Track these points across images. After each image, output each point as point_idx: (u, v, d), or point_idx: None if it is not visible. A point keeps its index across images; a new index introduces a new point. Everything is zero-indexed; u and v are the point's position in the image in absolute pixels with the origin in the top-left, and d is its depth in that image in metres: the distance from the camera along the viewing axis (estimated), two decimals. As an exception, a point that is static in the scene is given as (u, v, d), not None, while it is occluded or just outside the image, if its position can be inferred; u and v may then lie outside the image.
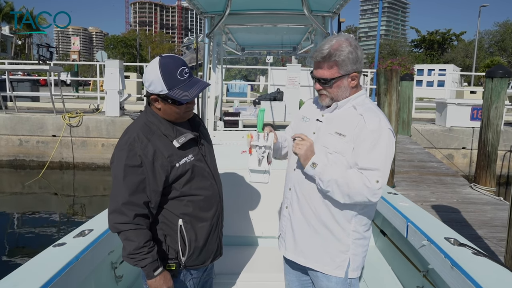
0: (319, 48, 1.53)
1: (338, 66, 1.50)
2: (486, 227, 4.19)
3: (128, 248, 1.43)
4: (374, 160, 1.45)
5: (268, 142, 1.58)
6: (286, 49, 4.90)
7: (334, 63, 1.50)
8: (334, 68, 1.51)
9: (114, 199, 1.44)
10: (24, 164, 9.54)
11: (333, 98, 1.57)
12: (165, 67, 1.43)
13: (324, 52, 1.49)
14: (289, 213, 1.69)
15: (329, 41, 1.52)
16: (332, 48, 1.49)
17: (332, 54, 1.48)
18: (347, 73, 1.52)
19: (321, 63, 1.52)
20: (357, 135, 1.48)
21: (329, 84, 1.53)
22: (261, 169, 1.61)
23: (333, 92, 1.55)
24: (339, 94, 1.56)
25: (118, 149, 1.47)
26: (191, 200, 1.55)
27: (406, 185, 5.80)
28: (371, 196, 1.45)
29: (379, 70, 5.58)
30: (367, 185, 1.43)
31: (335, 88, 1.54)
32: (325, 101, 1.59)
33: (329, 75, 1.52)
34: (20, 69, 14.88)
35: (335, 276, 1.59)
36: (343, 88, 1.55)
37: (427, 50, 51.60)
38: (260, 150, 1.59)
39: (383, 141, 1.47)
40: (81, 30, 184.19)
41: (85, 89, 22.08)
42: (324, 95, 1.58)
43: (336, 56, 1.48)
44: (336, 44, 1.49)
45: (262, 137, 1.59)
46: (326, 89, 1.55)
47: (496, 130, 5.83)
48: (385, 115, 1.56)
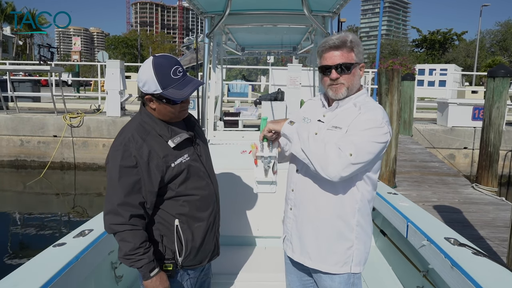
0: (330, 38, 1.54)
1: (355, 53, 1.52)
2: (488, 228, 4.18)
3: (124, 249, 1.43)
4: (357, 136, 1.42)
5: (273, 153, 1.57)
6: (286, 49, 4.90)
7: (351, 49, 1.52)
8: (351, 54, 1.52)
9: (109, 200, 1.44)
10: (25, 164, 9.55)
11: (349, 88, 1.55)
12: (158, 66, 1.43)
13: (344, 38, 1.51)
14: (294, 215, 1.68)
15: (335, 34, 1.54)
16: (346, 36, 1.52)
17: (348, 41, 1.51)
18: (359, 62, 1.54)
19: (339, 48, 1.51)
20: (351, 122, 1.48)
21: (349, 70, 1.52)
22: (268, 180, 1.61)
23: (350, 80, 1.53)
24: (354, 84, 1.55)
25: (113, 150, 1.47)
26: (187, 200, 1.55)
27: (408, 185, 5.79)
28: (342, 168, 1.37)
29: (381, 70, 5.57)
30: (340, 155, 1.38)
31: (352, 76, 1.54)
32: (341, 92, 1.54)
33: (350, 60, 1.52)
34: (21, 69, 14.91)
35: (338, 276, 1.59)
36: (357, 77, 1.56)
37: (428, 50, 51.55)
38: (265, 160, 1.59)
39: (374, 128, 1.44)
40: (82, 31, 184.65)
41: (86, 90, 22.12)
42: (342, 85, 1.54)
43: (353, 43, 1.51)
44: (344, 35, 1.53)
45: (266, 147, 1.57)
46: (344, 77, 1.53)
47: (498, 130, 5.81)
48: (384, 110, 1.55)
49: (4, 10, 43.73)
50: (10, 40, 47.37)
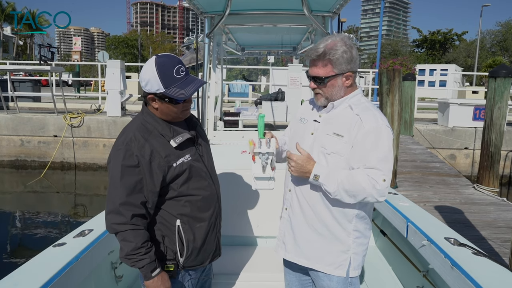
0: (315, 46, 1.54)
1: (333, 65, 1.51)
2: (489, 228, 4.17)
3: (125, 248, 1.42)
4: (377, 158, 1.45)
5: (270, 149, 1.59)
6: (286, 49, 4.90)
7: (328, 62, 1.50)
8: (328, 67, 1.51)
9: (111, 199, 1.43)
10: (26, 164, 9.56)
11: (328, 98, 1.57)
12: (161, 66, 1.43)
13: (319, 50, 1.50)
14: (288, 215, 1.68)
15: (324, 40, 1.53)
16: (326, 47, 1.50)
17: (327, 53, 1.49)
18: (341, 72, 1.52)
19: (316, 61, 1.53)
20: (355, 136, 1.48)
21: (323, 82, 1.53)
22: (266, 175, 1.62)
23: (327, 91, 1.55)
24: (333, 94, 1.56)
25: (115, 149, 1.47)
26: (188, 201, 1.54)
27: (409, 186, 5.78)
28: (380, 196, 1.45)
29: (382, 70, 5.56)
30: (376, 187, 1.43)
31: (329, 87, 1.54)
32: (320, 100, 1.59)
33: (324, 74, 1.52)
34: (21, 69, 14.92)
35: (336, 276, 1.59)
36: (337, 88, 1.55)
37: (428, 50, 51.56)
38: (263, 157, 1.60)
39: (382, 139, 1.47)
40: (83, 31, 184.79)
41: (87, 90, 22.13)
42: (319, 95, 1.58)
43: (330, 54, 1.49)
44: (331, 43, 1.50)
45: (264, 144, 1.59)
46: (320, 88, 1.56)
47: (499, 130, 5.80)
48: (381, 112, 1.56)
49: (4, 10, 43.79)
50: (10, 40, 47.43)
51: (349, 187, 1.44)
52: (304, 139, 1.62)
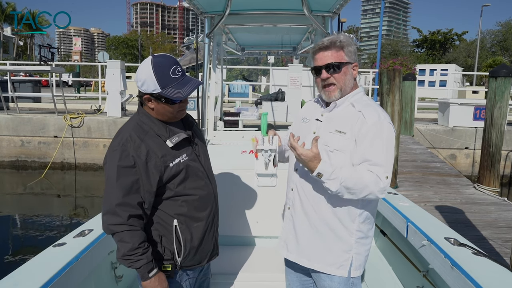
0: (321, 40, 1.57)
1: (344, 52, 1.53)
2: (490, 228, 4.16)
3: (122, 249, 1.42)
4: (379, 154, 1.45)
5: (273, 146, 1.60)
6: (286, 49, 4.90)
7: (341, 48, 1.53)
8: (340, 53, 1.53)
9: (107, 200, 1.43)
10: (26, 165, 9.56)
11: (342, 89, 1.55)
12: (157, 66, 1.43)
13: (334, 39, 1.53)
14: (291, 214, 1.68)
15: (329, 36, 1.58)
16: (337, 36, 1.54)
17: (338, 40, 1.53)
18: (351, 61, 1.55)
19: (328, 49, 1.53)
20: (358, 131, 1.48)
21: (339, 69, 1.53)
22: (268, 172, 1.64)
23: (341, 79, 1.54)
24: (346, 83, 1.55)
25: (111, 150, 1.47)
26: (185, 200, 1.54)
27: (409, 186, 5.78)
28: (381, 193, 1.46)
29: (382, 70, 5.56)
30: (379, 185, 1.43)
31: (343, 74, 1.54)
32: (334, 93, 1.55)
33: (338, 59, 1.53)
34: (21, 69, 14.93)
35: (337, 276, 1.58)
36: (349, 77, 1.56)
37: (428, 50, 51.55)
38: (266, 153, 1.61)
39: (385, 135, 1.47)
40: (83, 31, 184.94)
41: (87, 90, 22.13)
42: (333, 86, 1.55)
43: (342, 42, 1.53)
44: (338, 35, 1.56)
45: (267, 141, 1.60)
46: (334, 76, 1.54)
47: (499, 130, 5.80)
48: (383, 109, 1.57)
49: (4, 10, 43.81)
50: (10, 41, 47.47)
51: (352, 185, 1.44)
52: (307, 138, 1.62)
